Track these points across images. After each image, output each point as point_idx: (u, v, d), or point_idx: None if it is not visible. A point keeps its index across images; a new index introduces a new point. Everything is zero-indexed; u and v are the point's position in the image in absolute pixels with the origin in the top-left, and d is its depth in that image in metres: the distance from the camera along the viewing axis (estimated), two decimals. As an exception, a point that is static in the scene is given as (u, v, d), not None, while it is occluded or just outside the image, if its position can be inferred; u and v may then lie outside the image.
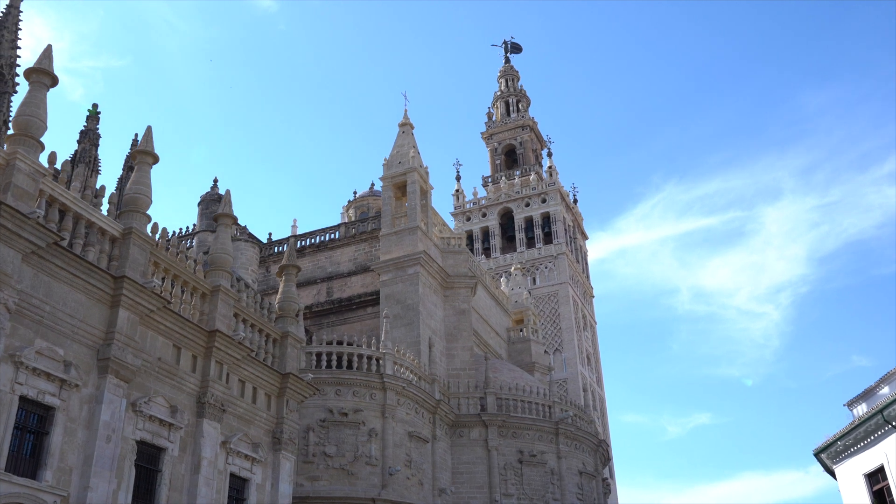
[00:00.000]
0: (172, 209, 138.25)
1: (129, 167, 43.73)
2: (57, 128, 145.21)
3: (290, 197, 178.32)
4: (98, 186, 28.39)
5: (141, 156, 20.89)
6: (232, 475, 21.59)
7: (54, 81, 18.42)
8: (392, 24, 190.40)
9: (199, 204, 51.01)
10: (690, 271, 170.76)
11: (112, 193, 20.88)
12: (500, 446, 38.48)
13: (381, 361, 34.84)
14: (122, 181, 43.59)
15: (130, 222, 19.63)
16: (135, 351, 18.76)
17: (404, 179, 42.90)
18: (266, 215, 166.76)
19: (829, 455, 26.58)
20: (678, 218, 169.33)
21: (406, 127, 45.52)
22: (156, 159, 21.14)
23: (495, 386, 40.15)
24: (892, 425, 23.13)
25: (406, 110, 45.90)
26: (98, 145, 31.96)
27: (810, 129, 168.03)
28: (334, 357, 34.45)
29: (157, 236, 21.18)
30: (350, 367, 34.49)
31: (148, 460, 19.11)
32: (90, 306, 18.19)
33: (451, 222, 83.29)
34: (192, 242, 50.76)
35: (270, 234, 53.38)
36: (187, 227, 53.45)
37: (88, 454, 17.19)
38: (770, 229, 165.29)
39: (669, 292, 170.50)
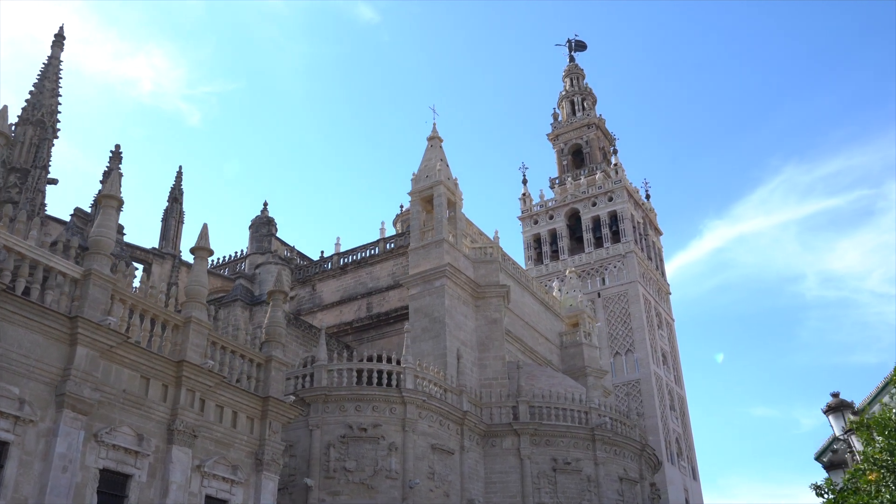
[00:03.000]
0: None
1: (172, 198, 46.12)
2: (174, 151, 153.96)
3: (345, 213, 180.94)
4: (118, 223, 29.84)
5: (106, 200, 22.27)
6: (209, 497, 22.62)
7: (8, 141, 19.98)
8: (456, 29, 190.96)
9: (249, 227, 53.18)
10: (817, 255, 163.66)
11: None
12: (533, 455, 38.38)
13: (401, 376, 35.48)
14: (167, 213, 46.03)
15: (91, 264, 20.95)
16: (94, 385, 20.01)
17: (431, 193, 43.42)
18: (322, 232, 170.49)
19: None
20: (800, 200, 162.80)
21: (434, 141, 46.03)
22: (121, 203, 22.50)
23: (528, 394, 40.08)
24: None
25: (434, 124, 46.09)
26: (121, 185, 33.82)
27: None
28: (354, 373, 35.37)
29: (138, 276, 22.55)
30: (370, 382, 35.28)
31: (114, 487, 20.33)
32: (47, 346, 19.56)
33: (518, 227, 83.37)
34: (244, 265, 52.95)
35: (322, 252, 55.07)
36: (242, 250, 55.77)
37: (44, 484, 18.49)
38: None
39: (795, 279, 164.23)
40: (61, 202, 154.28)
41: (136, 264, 42.64)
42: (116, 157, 35.08)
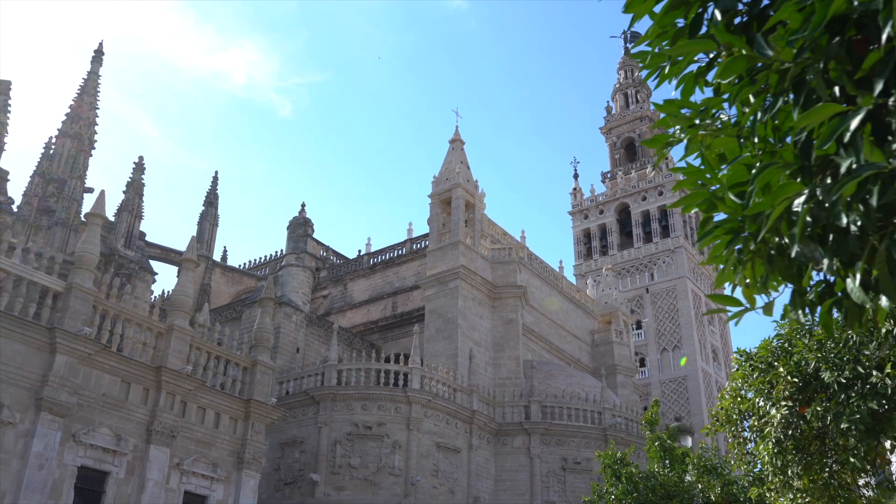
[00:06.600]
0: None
1: (208, 202, 48.39)
2: (265, 143, 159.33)
3: (387, 211, 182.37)
4: (141, 230, 32.04)
5: (92, 218, 24.10)
6: (188, 493, 24.32)
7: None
8: (513, 23, 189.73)
9: (287, 228, 55.15)
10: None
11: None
12: (543, 454, 39.02)
13: (408, 376, 36.69)
14: (202, 216, 48.34)
15: (73, 279, 22.83)
16: (71, 389, 21.88)
17: (450, 195, 44.28)
18: (366, 230, 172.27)
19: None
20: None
21: (456, 143, 46.85)
22: (106, 221, 24.34)
23: (541, 394, 40.70)
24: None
25: (457, 127, 46.84)
26: (142, 195, 36.09)
27: None
28: (363, 372, 36.77)
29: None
30: (378, 382, 36.61)
31: (92, 483, 22.19)
32: (29, 354, 21.51)
33: (569, 221, 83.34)
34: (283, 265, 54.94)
35: (360, 251, 56.68)
36: (280, 251, 57.90)
37: (21, 481, 20.44)
38: None
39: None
40: (159, 194, 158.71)
41: (166, 265, 45.11)
42: (140, 168, 37.28)
